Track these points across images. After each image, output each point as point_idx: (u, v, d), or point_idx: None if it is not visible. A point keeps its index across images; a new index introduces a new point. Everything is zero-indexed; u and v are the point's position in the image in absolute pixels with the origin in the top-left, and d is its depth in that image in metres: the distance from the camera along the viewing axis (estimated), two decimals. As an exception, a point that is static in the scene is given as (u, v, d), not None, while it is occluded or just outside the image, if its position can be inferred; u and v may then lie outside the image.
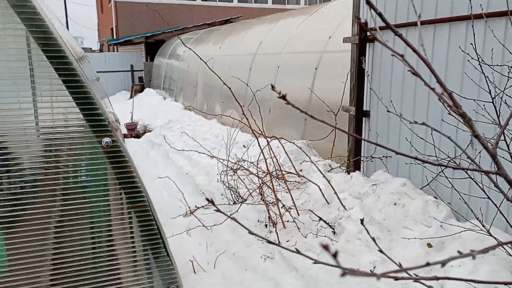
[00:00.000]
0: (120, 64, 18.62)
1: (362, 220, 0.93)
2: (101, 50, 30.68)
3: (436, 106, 3.80)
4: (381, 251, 0.94)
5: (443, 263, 0.66)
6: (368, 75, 4.73)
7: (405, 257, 3.23)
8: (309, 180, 4.40)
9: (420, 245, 3.25)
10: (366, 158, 4.70)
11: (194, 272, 3.81)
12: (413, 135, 4.07)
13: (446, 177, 3.26)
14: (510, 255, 2.50)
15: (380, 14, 0.73)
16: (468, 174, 2.51)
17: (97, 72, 11.60)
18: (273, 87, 0.72)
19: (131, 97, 16.86)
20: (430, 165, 3.83)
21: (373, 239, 0.94)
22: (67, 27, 19.49)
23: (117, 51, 22.00)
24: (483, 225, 2.35)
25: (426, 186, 3.91)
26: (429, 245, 3.22)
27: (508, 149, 1.93)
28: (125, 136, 10.20)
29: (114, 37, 21.83)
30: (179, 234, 4.21)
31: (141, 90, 17.62)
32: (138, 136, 10.34)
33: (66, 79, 1.22)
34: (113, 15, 21.69)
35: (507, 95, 2.39)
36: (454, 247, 3.08)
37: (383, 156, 4.47)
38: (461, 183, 3.37)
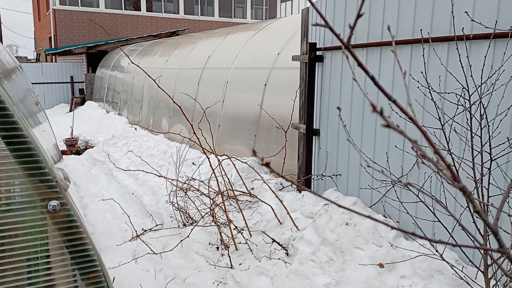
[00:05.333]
0: (59, 75, 17.65)
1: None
2: (37, 60, 29.04)
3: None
4: None
5: None
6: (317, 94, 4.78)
7: (358, 278, 3.24)
8: (261, 200, 4.33)
9: (372, 266, 3.27)
10: (317, 176, 4.73)
11: (142, 302, 3.58)
12: (362, 155, 4.14)
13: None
14: (459, 276, 2.57)
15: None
16: (419, 197, 2.56)
17: (32, 83, 10.87)
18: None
19: (70, 110, 16.03)
20: (377, 185, 3.91)
21: None
22: (1, 35, 18.18)
23: (56, 61, 20.91)
24: (435, 249, 2.39)
25: (374, 204, 3.98)
26: (381, 265, 3.25)
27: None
28: (64, 152, 9.61)
29: (53, 47, 20.75)
30: (127, 263, 3.95)
31: (82, 103, 16.80)
32: (78, 152, 9.79)
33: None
34: (51, 23, 20.64)
35: (456, 122, 2.48)
36: (405, 266, 3.13)
37: (333, 175, 4.52)
38: (408, 201, 3.46)
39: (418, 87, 2.89)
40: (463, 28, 2.31)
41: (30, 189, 1.09)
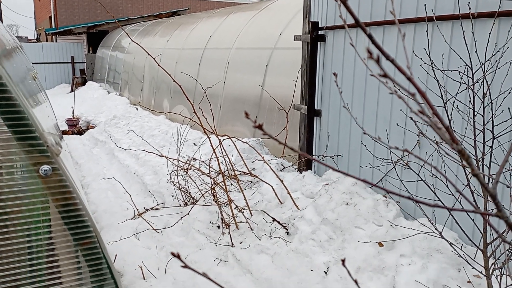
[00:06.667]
0: (59, 55, 17.53)
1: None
2: (38, 40, 28.81)
3: (385, 104, 3.87)
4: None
5: None
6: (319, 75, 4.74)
7: (357, 256, 3.27)
8: (262, 180, 4.34)
9: (371, 244, 3.30)
10: (318, 157, 4.73)
11: (144, 279, 3.63)
12: (364, 134, 4.13)
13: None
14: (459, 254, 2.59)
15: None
16: (419, 176, 2.56)
17: (33, 63, 10.79)
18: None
19: (72, 90, 15.98)
20: (378, 164, 3.91)
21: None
22: (1, 15, 17.99)
23: (56, 41, 20.73)
24: (435, 227, 2.41)
25: (375, 185, 3.98)
26: (380, 244, 3.28)
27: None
28: (66, 132, 9.62)
29: (53, 26, 20.55)
30: (127, 238, 4.00)
31: (83, 83, 16.74)
32: (80, 132, 9.80)
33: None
34: (51, 2, 20.39)
35: (458, 100, 2.46)
36: (404, 245, 3.15)
37: (334, 155, 4.52)
38: (409, 180, 3.47)
39: (421, 65, 2.86)
40: (469, 2, 2.27)
41: (21, 153, 1.08)
